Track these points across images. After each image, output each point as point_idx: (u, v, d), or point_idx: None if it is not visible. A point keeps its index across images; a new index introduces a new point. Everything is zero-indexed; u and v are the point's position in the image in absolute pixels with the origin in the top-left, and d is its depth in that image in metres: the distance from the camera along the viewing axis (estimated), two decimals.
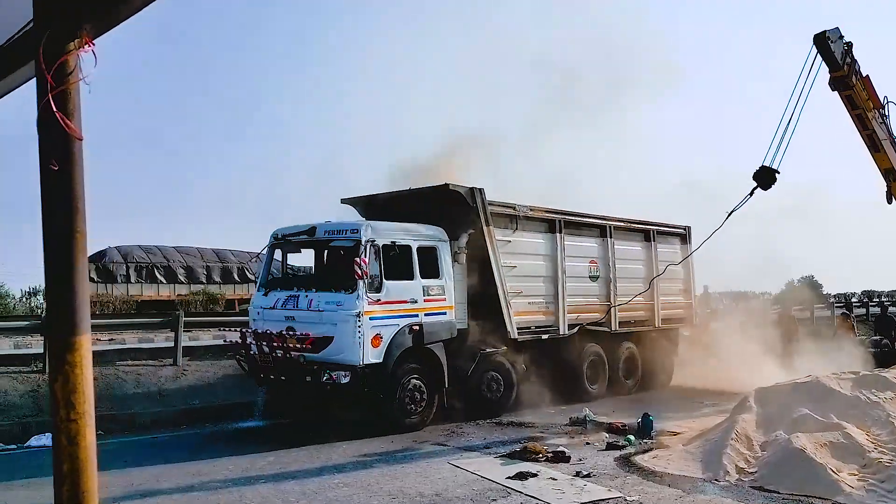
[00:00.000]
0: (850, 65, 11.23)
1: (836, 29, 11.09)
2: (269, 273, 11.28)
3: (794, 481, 6.75)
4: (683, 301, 16.01)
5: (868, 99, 11.56)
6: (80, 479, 1.91)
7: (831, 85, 11.30)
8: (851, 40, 11.22)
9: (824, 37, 10.95)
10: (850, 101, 11.62)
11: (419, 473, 7.75)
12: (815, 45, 10.98)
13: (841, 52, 11.06)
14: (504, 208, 12.08)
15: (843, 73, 11.10)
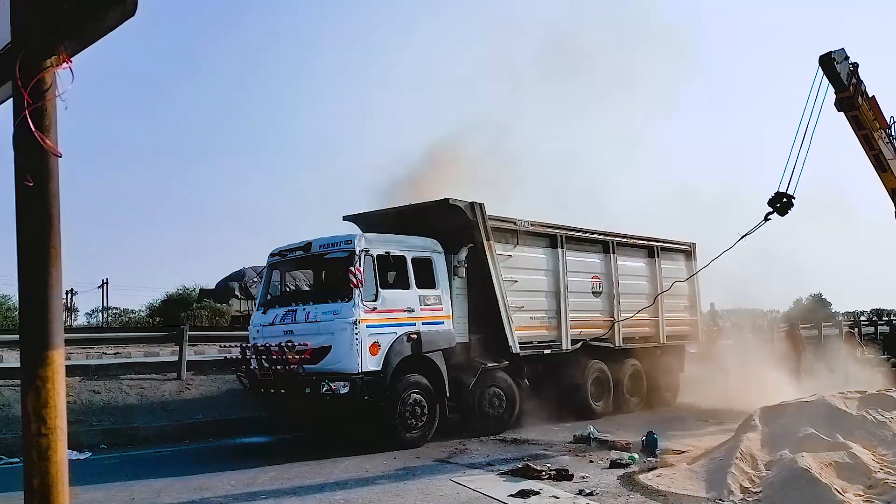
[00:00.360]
0: (856, 85, 11.23)
1: (842, 50, 11.10)
2: (269, 292, 11.31)
3: (799, 501, 6.65)
4: (689, 317, 15.95)
5: (874, 119, 11.55)
6: (51, 494, 1.90)
7: (837, 105, 11.30)
8: (857, 61, 11.22)
9: (830, 58, 10.97)
10: (856, 122, 11.61)
11: (421, 490, 7.69)
12: (821, 66, 10.99)
13: (847, 72, 11.06)
14: (504, 223, 12.09)
15: (849, 93, 11.10)
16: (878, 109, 11.69)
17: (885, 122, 11.75)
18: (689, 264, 16.02)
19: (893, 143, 11.99)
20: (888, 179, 12.25)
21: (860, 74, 11.33)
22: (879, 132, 11.71)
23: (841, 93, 11.18)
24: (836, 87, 11.17)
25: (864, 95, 11.47)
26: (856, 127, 11.72)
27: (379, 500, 7.31)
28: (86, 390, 12.14)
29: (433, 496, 7.42)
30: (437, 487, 7.81)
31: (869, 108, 11.56)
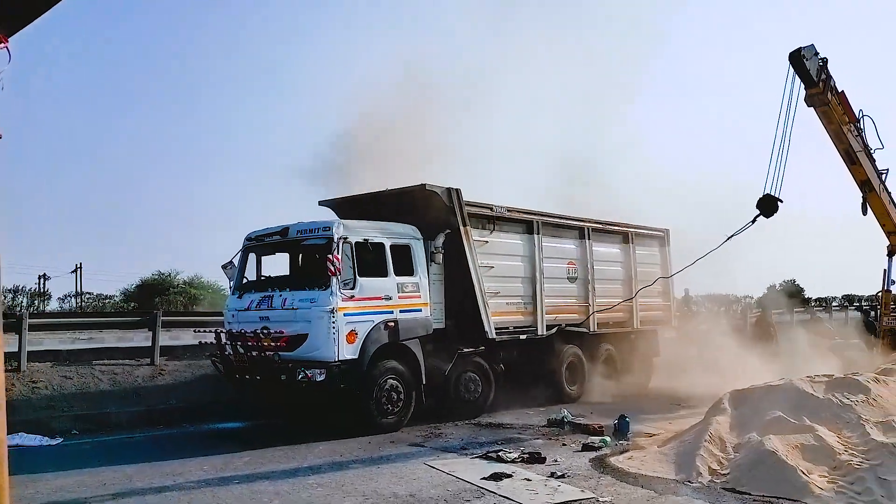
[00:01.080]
0: (826, 81, 11.34)
1: (812, 46, 11.19)
2: (244, 276, 11.24)
3: (766, 483, 6.79)
4: (662, 303, 16.11)
5: (844, 113, 11.67)
6: None
7: (807, 101, 11.40)
8: (826, 56, 11.32)
9: (799, 54, 11.05)
10: (826, 117, 11.73)
11: (394, 474, 7.74)
12: (791, 62, 11.08)
13: (816, 68, 11.15)
14: (481, 209, 12.11)
15: (819, 89, 11.20)
16: (847, 104, 11.84)
17: (853, 117, 11.91)
18: (663, 250, 16.19)
19: (863, 136, 12.16)
20: (857, 172, 12.45)
21: (829, 70, 11.44)
22: (849, 126, 11.86)
23: (811, 89, 11.28)
24: (806, 84, 11.27)
25: (834, 91, 11.59)
26: (826, 122, 11.86)
27: (352, 483, 7.35)
28: (57, 376, 12.03)
29: (406, 479, 7.47)
30: (411, 471, 7.87)
31: (838, 102, 11.69)
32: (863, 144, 12.32)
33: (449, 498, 6.73)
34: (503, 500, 6.60)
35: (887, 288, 14.52)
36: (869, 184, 12.62)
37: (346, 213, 12.04)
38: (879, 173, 12.80)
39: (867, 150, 12.50)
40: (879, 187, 12.74)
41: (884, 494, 6.28)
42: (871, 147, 12.60)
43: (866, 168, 12.44)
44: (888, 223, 13.35)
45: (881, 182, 12.80)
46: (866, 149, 12.46)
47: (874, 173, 12.68)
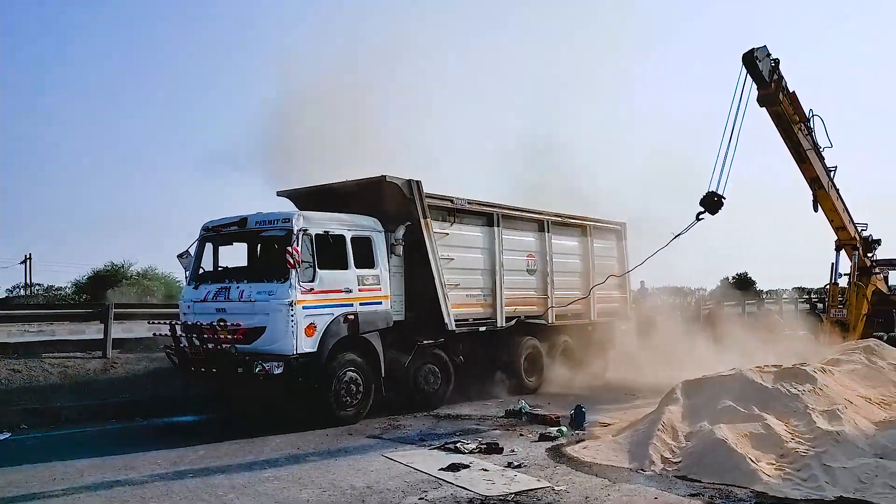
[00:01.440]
0: (777, 81, 11.58)
1: (764, 47, 11.40)
2: (200, 266, 11.08)
3: (716, 470, 6.97)
4: (619, 295, 16.33)
5: (794, 113, 11.94)
6: None
7: (759, 101, 11.63)
8: (778, 57, 11.55)
9: (752, 56, 11.26)
10: (777, 116, 11.99)
11: (352, 466, 7.73)
12: (744, 64, 11.28)
13: (768, 69, 11.38)
14: (442, 201, 12.12)
15: (771, 90, 11.43)
16: (798, 103, 12.12)
17: (804, 116, 12.20)
18: (620, 244, 16.42)
19: (812, 135, 12.47)
20: (807, 170, 12.77)
21: (781, 70, 11.68)
22: (799, 125, 12.14)
23: (763, 89, 11.51)
24: (758, 84, 11.50)
25: (785, 91, 11.84)
26: (777, 121, 12.12)
27: (309, 476, 7.32)
28: (5, 369, 11.71)
29: (364, 471, 7.47)
30: (368, 463, 7.87)
31: (790, 102, 11.95)
32: (812, 143, 12.64)
33: (406, 489, 6.75)
34: (460, 491, 6.64)
35: (835, 281, 14.98)
36: (818, 181, 12.96)
37: (305, 205, 11.93)
38: (828, 171, 13.16)
39: (816, 149, 12.83)
40: (828, 185, 13.09)
41: (828, 480, 6.49)
42: (820, 146, 12.94)
43: (816, 166, 12.77)
44: (836, 219, 13.74)
45: (830, 180, 13.16)
46: (816, 147, 12.79)
47: (823, 171, 13.03)
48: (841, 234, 14.08)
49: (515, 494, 6.49)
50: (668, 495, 6.43)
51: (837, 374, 9.70)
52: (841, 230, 13.98)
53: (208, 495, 6.67)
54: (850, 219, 13.97)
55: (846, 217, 13.84)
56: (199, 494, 6.70)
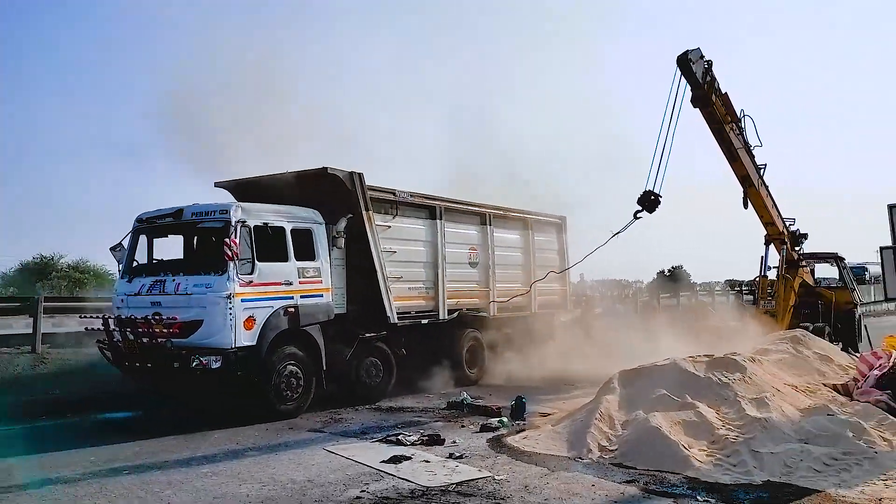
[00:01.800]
0: (710, 83, 11.90)
1: (698, 49, 11.70)
2: (134, 259, 10.80)
3: (650, 457, 7.17)
4: (559, 288, 16.60)
5: (726, 114, 12.30)
6: None
7: (693, 102, 11.95)
8: (711, 59, 11.86)
9: (686, 58, 11.55)
10: (710, 117, 12.33)
11: (292, 460, 7.67)
12: (679, 65, 11.57)
13: (702, 71, 11.68)
14: (384, 193, 12.10)
15: (704, 91, 11.75)
16: (730, 105, 12.48)
17: (735, 117, 12.58)
18: (560, 237, 16.69)
19: (744, 135, 12.88)
20: (738, 168, 13.19)
21: (714, 72, 11.99)
22: (731, 125, 12.52)
23: (697, 90, 11.82)
24: (692, 86, 11.81)
25: (718, 92, 12.17)
26: (710, 121, 12.47)
27: (248, 470, 7.24)
28: None
29: (305, 465, 7.43)
30: (310, 457, 7.82)
31: (722, 103, 12.30)
32: (743, 142, 13.04)
33: (348, 482, 6.74)
34: (402, 483, 6.67)
35: (764, 274, 15.51)
36: (749, 179, 13.39)
37: (244, 196, 11.73)
38: (758, 169, 13.60)
39: (747, 148, 13.25)
40: (758, 182, 13.53)
41: (756, 465, 6.75)
42: (751, 145, 13.37)
43: (746, 164, 13.19)
44: (766, 215, 14.22)
45: (760, 177, 13.60)
46: (746, 146, 13.20)
47: (753, 169, 13.46)
48: (770, 230, 14.58)
49: (457, 485, 6.55)
50: (605, 482, 6.59)
51: (766, 363, 10.07)
52: (770, 225, 14.47)
53: (144, 492, 6.52)
54: (778, 214, 14.48)
55: (775, 213, 14.34)
56: (135, 492, 6.55)
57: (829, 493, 5.99)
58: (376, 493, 6.34)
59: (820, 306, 16.29)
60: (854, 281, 17.98)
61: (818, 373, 10.76)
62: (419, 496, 6.23)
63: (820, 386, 9.89)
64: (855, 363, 10.93)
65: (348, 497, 6.24)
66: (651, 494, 6.20)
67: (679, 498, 6.06)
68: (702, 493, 6.13)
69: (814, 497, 5.94)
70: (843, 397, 9.39)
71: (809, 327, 14.39)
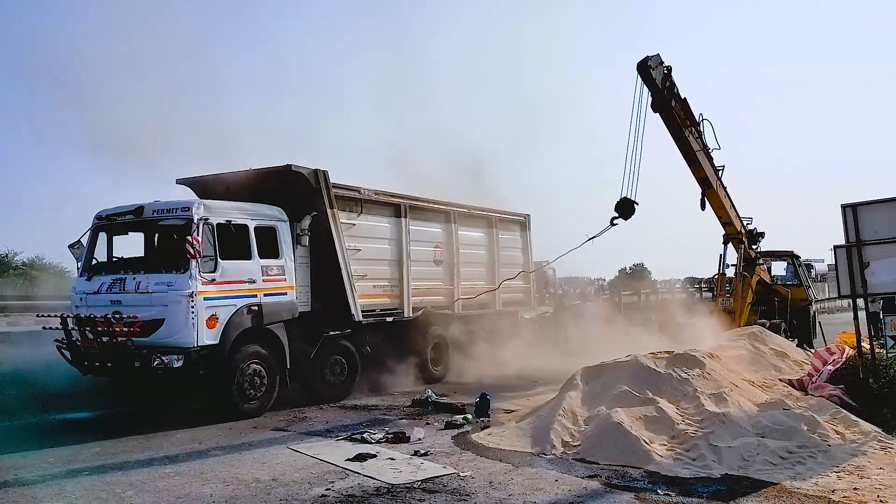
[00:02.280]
0: (670, 88, 12.09)
1: (657, 55, 11.87)
2: (93, 257, 10.60)
3: (612, 452, 7.29)
4: (523, 286, 16.72)
5: (685, 118, 12.51)
6: None
7: (653, 107, 12.13)
8: (671, 64, 12.05)
9: (646, 64, 11.71)
10: (670, 121, 12.53)
11: (257, 460, 7.62)
12: (638, 72, 11.73)
13: (661, 77, 11.86)
14: (349, 191, 12.06)
15: (663, 96, 11.94)
16: (689, 109, 12.68)
17: (694, 121, 12.80)
18: (524, 234, 16.82)
19: (703, 138, 13.12)
20: (697, 170, 13.41)
21: (673, 78, 12.17)
22: (690, 129, 12.73)
23: (657, 96, 12.01)
24: (652, 91, 11.99)
25: (677, 97, 12.35)
26: (669, 125, 12.66)
27: (212, 470, 7.18)
28: None
29: (269, 464, 7.39)
30: (274, 456, 7.79)
31: (681, 108, 12.50)
32: (702, 145, 13.27)
33: (312, 480, 6.73)
34: (367, 480, 6.68)
35: (722, 272, 15.82)
36: (707, 181, 13.61)
37: (207, 193, 11.60)
38: (716, 170, 13.84)
39: (706, 150, 13.47)
40: (716, 184, 13.77)
41: (715, 459, 6.91)
42: (709, 147, 13.61)
43: (705, 167, 13.40)
44: (724, 215, 14.49)
45: (718, 179, 13.85)
46: (705, 149, 13.42)
47: (712, 171, 13.68)
48: (728, 229, 14.85)
49: (422, 482, 6.58)
50: (568, 477, 6.68)
51: (724, 359, 10.26)
52: (728, 225, 14.74)
53: (105, 493, 6.43)
54: (736, 214, 14.76)
55: (733, 213, 14.62)
56: (96, 493, 6.46)
57: (785, 486, 6.17)
58: (341, 491, 6.35)
59: (776, 303, 16.67)
60: (809, 278, 18.46)
61: (774, 368, 11.02)
62: (384, 493, 6.25)
63: (776, 381, 10.13)
64: (810, 359, 11.21)
65: (313, 495, 6.23)
66: (613, 489, 6.31)
67: (640, 492, 6.17)
68: (662, 487, 6.26)
69: (770, 489, 6.11)
70: (798, 392, 9.62)
71: (766, 324, 14.72)
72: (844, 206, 9.37)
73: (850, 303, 10.65)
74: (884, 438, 7.47)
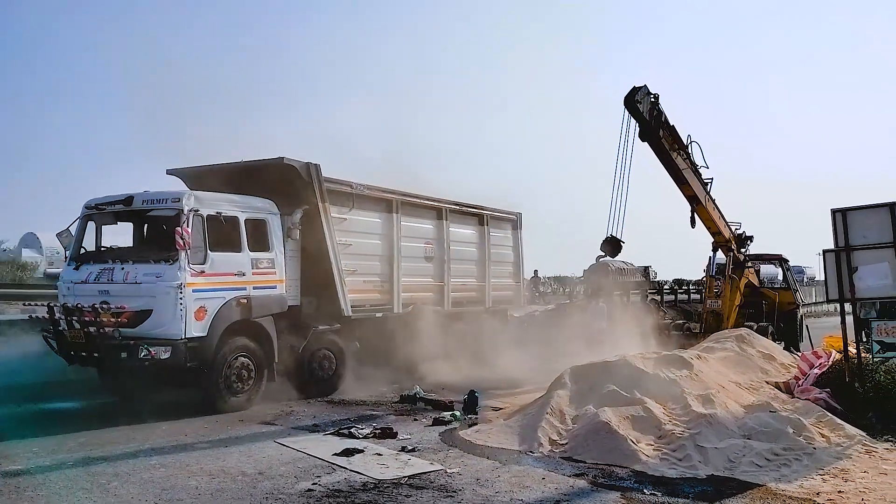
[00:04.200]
0: (658, 117, 12.05)
1: (645, 87, 11.78)
2: (81, 246, 10.53)
3: (599, 452, 7.31)
4: (513, 283, 16.75)
5: (674, 143, 12.49)
6: None
7: (642, 137, 12.10)
8: (658, 92, 12.00)
9: (633, 98, 11.66)
10: (658, 149, 12.51)
11: (243, 453, 7.59)
12: (626, 107, 11.69)
13: (648, 108, 11.82)
14: (340, 185, 12.02)
15: (651, 126, 11.91)
16: (677, 135, 12.61)
17: (682, 145, 12.76)
18: (516, 233, 16.82)
19: (691, 158, 13.09)
20: (685, 189, 13.39)
21: (661, 106, 12.11)
22: (678, 152, 12.70)
23: (644, 126, 11.97)
24: (640, 123, 11.95)
25: (665, 125, 12.27)
26: (658, 152, 12.63)
27: (198, 463, 7.14)
28: None
29: (256, 458, 7.36)
30: (260, 449, 7.76)
31: (669, 134, 12.46)
32: (690, 164, 13.21)
33: (299, 474, 6.71)
34: (354, 475, 6.66)
35: (711, 274, 15.88)
36: (696, 198, 13.62)
37: (198, 185, 11.50)
38: (705, 185, 13.81)
39: (694, 168, 13.41)
40: (705, 199, 13.76)
41: (701, 460, 6.94)
42: (698, 164, 13.56)
43: (694, 185, 13.37)
44: (713, 226, 14.50)
45: (707, 193, 13.83)
46: (693, 167, 13.36)
47: (701, 188, 13.64)
48: (718, 238, 14.85)
49: (409, 478, 6.58)
50: (555, 475, 6.69)
51: (712, 360, 10.32)
52: (717, 234, 14.75)
53: (90, 484, 6.39)
54: (725, 223, 14.76)
55: (722, 223, 14.62)
56: (80, 483, 6.42)
57: (770, 488, 6.20)
58: (328, 485, 6.33)
59: (764, 306, 16.75)
60: (797, 282, 18.55)
61: (761, 371, 11.06)
62: (371, 489, 6.24)
63: (763, 383, 10.18)
64: (796, 362, 11.27)
65: (300, 489, 6.22)
66: (599, 488, 6.33)
67: (626, 491, 6.19)
68: (648, 487, 6.28)
69: (755, 491, 6.14)
70: (784, 395, 9.67)
71: (754, 326, 14.79)
72: (834, 210, 9.42)
73: (836, 307, 10.70)
74: (868, 442, 7.53)
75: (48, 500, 5.95)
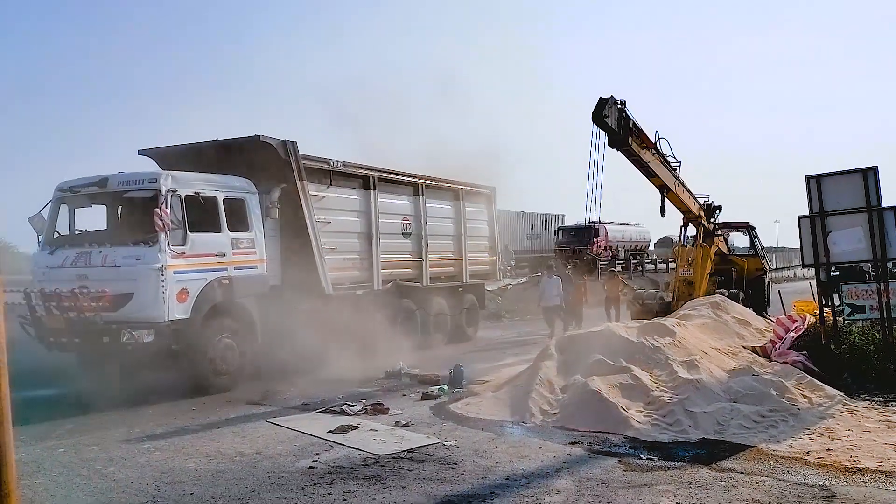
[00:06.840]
0: (625, 125, 12.05)
1: (611, 97, 11.74)
2: (55, 230, 10.28)
3: (591, 419, 7.44)
4: (489, 258, 16.84)
5: (642, 144, 12.55)
6: None
7: (610, 145, 12.11)
8: (625, 99, 11.99)
9: (601, 113, 11.62)
10: (628, 153, 12.56)
11: (236, 433, 7.56)
12: (595, 122, 11.68)
13: (615, 118, 11.82)
14: (318, 163, 11.92)
15: (620, 135, 11.94)
16: (645, 136, 12.62)
17: (651, 144, 12.80)
18: (490, 207, 16.87)
19: (660, 152, 13.16)
20: (655, 181, 13.47)
21: (628, 112, 12.12)
22: (646, 151, 12.76)
23: (613, 135, 11.99)
24: (609, 133, 11.97)
25: (634, 130, 12.28)
26: (628, 156, 12.68)
27: (192, 445, 7.10)
28: None
29: (250, 437, 7.35)
30: (254, 429, 7.74)
31: (638, 137, 12.50)
32: (660, 158, 13.26)
33: (297, 452, 6.72)
34: (353, 451, 6.69)
35: (683, 244, 16.14)
36: (666, 187, 13.73)
37: (171, 165, 11.29)
38: (674, 171, 13.88)
39: (663, 158, 13.45)
40: (675, 185, 13.86)
41: (691, 424, 7.11)
42: (666, 154, 13.59)
43: (663, 176, 13.43)
44: (682, 206, 14.66)
45: (676, 178, 13.92)
46: (661, 157, 13.39)
47: (670, 176, 13.71)
48: (688, 215, 15.04)
49: (408, 451, 6.63)
50: (551, 444, 6.80)
51: (691, 327, 10.55)
52: (687, 212, 14.92)
53: (86, 470, 6.31)
54: (694, 201, 14.92)
55: (691, 201, 14.75)
56: (76, 469, 6.34)
57: (762, 448, 6.39)
58: (329, 462, 6.35)
59: (733, 273, 17.10)
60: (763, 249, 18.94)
61: (738, 336, 11.33)
62: (373, 464, 6.28)
63: (741, 348, 10.43)
64: (772, 326, 11.55)
65: (301, 467, 6.22)
66: (596, 454, 6.45)
67: (623, 457, 6.32)
68: (644, 452, 6.42)
69: (748, 452, 6.32)
70: (762, 359, 9.94)
71: (725, 293, 15.08)
72: (808, 177, 9.63)
73: (797, 272, 10.95)
74: (848, 402, 7.81)
75: (47, 489, 5.86)
